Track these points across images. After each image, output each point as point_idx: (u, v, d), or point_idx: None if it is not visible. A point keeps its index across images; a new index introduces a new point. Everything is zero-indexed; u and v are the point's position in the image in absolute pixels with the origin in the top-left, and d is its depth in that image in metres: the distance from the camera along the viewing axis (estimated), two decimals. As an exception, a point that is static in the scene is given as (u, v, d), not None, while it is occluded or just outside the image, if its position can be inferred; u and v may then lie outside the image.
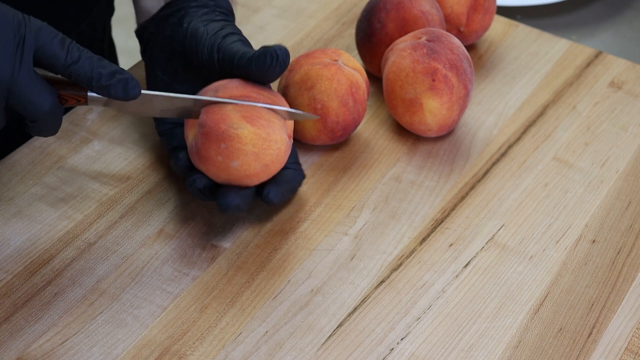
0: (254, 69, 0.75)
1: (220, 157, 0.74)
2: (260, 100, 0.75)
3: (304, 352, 0.73)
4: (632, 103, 0.94)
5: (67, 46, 0.69)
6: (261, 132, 0.74)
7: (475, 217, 0.83)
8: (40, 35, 0.68)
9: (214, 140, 0.74)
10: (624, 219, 0.83)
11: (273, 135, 0.75)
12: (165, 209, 0.83)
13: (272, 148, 0.75)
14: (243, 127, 0.74)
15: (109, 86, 0.70)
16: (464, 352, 0.73)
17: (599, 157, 0.89)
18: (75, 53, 0.69)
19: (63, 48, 0.69)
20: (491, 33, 1.02)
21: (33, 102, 0.69)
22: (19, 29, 0.67)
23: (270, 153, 0.75)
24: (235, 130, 0.74)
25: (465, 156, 0.89)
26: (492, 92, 0.95)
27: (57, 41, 0.69)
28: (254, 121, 0.74)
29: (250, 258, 0.80)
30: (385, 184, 0.86)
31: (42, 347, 0.73)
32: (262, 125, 0.74)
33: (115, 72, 0.70)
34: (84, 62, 0.69)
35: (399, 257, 0.80)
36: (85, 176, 0.86)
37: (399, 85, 0.86)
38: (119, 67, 0.71)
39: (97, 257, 0.79)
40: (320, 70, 0.85)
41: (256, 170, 0.75)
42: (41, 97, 0.69)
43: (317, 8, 1.05)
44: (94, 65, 0.70)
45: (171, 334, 0.74)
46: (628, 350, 0.74)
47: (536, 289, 0.78)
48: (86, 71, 0.69)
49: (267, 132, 0.74)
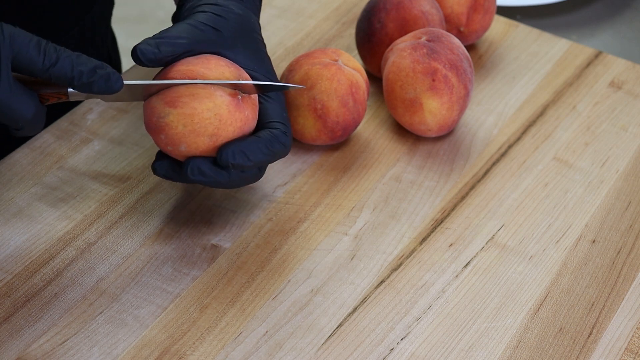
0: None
1: (169, 147, 0.75)
2: (188, 75, 0.74)
3: (304, 352, 0.73)
4: (632, 103, 0.94)
5: (43, 49, 0.68)
6: (185, 110, 0.73)
7: (475, 217, 0.83)
8: (14, 43, 0.66)
9: (156, 133, 0.75)
10: (624, 219, 0.83)
11: (200, 107, 0.73)
12: (165, 209, 0.83)
13: (207, 118, 0.74)
14: (168, 113, 0.74)
15: (91, 83, 0.69)
16: (464, 352, 0.73)
17: (599, 157, 0.89)
18: (52, 55, 0.68)
19: (39, 52, 0.67)
20: (491, 33, 1.02)
21: (16, 112, 0.68)
22: None
23: (207, 124, 0.74)
24: (163, 119, 0.74)
25: (465, 156, 0.89)
26: (492, 92, 0.95)
27: (32, 45, 0.67)
28: (176, 103, 0.74)
29: (250, 258, 0.80)
30: (385, 184, 0.86)
31: (42, 347, 0.73)
32: (185, 102, 0.73)
33: (96, 68, 0.69)
34: (63, 62, 0.68)
35: (399, 257, 0.80)
36: (85, 176, 0.86)
37: (399, 85, 0.86)
38: (99, 61, 0.70)
39: (97, 257, 0.79)
40: (320, 70, 0.85)
41: (206, 143, 0.74)
42: (23, 105, 0.68)
43: (317, 8, 1.05)
44: (74, 64, 0.68)
45: (171, 334, 0.74)
46: (628, 350, 0.74)
47: (536, 289, 0.78)
48: (66, 72, 0.68)
49: (192, 107, 0.73)
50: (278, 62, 0.97)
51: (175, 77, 0.74)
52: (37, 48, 0.68)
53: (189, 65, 0.75)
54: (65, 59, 0.68)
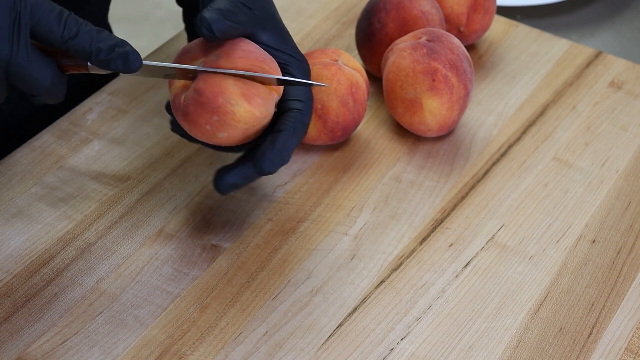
0: (196, 23, 0.73)
1: (209, 127, 0.73)
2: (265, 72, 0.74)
3: (304, 352, 0.73)
4: (632, 103, 0.94)
5: (64, 20, 0.67)
6: (255, 111, 0.73)
7: (475, 217, 0.83)
8: (36, 11, 0.66)
9: (208, 111, 0.72)
10: (624, 219, 0.83)
11: (266, 112, 0.73)
12: (165, 209, 0.83)
13: (261, 124, 0.74)
14: (240, 105, 0.72)
15: (109, 60, 0.69)
16: (464, 352, 0.73)
17: (599, 157, 0.89)
18: (73, 28, 0.68)
19: (60, 23, 0.67)
20: (491, 33, 1.02)
21: (33, 79, 0.67)
22: (14, 6, 0.65)
23: (257, 128, 0.74)
24: (232, 107, 0.72)
25: (465, 156, 0.89)
26: (492, 92, 0.95)
27: (53, 16, 0.67)
28: (251, 99, 0.72)
29: (250, 258, 0.80)
30: (385, 184, 0.86)
31: (42, 347, 0.73)
32: (258, 104, 0.73)
33: (115, 46, 0.69)
34: (82, 36, 0.68)
35: (399, 257, 0.80)
36: (85, 176, 0.86)
37: (399, 85, 0.86)
38: (119, 39, 0.69)
39: (97, 257, 0.79)
40: (320, 70, 0.85)
41: (237, 139, 0.74)
42: (40, 72, 0.68)
43: (317, 8, 1.05)
44: (93, 39, 0.68)
45: (171, 334, 0.74)
46: (628, 350, 0.74)
47: (536, 289, 0.78)
48: (84, 46, 0.68)
49: (260, 110, 0.73)
50: (278, 62, 0.97)
51: (245, 68, 0.72)
52: (58, 19, 0.67)
53: (257, 62, 0.73)
54: (85, 34, 0.68)
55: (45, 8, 0.67)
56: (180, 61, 0.74)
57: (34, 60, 0.67)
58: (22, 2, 0.66)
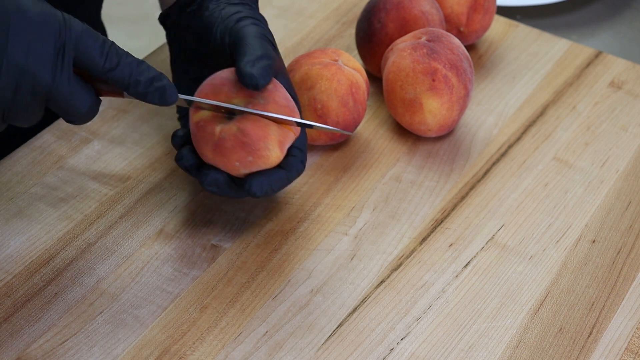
0: (241, 75, 0.74)
1: (237, 163, 0.74)
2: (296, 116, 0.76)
3: (304, 352, 0.73)
4: (632, 103, 0.94)
5: (106, 51, 0.68)
6: (281, 156, 0.76)
7: (475, 217, 0.83)
8: (80, 42, 0.67)
9: (246, 150, 0.74)
10: (624, 219, 0.83)
11: (283, 153, 0.76)
12: (165, 209, 0.83)
13: (275, 162, 0.76)
14: (274, 150, 0.75)
15: (146, 94, 0.70)
16: (464, 352, 0.73)
17: (599, 157, 0.89)
18: (114, 59, 0.69)
19: (102, 53, 0.68)
20: (491, 33, 1.02)
21: (72, 106, 0.69)
22: (60, 35, 0.67)
23: (270, 164, 0.76)
24: (268, 152, 0.74)
25: (465, 156, 0.89)
26: (492, 92, 0.95)
27: (97, 46, 0.68)
28: (283, 146, 0.75)
29: (250, 258, 0.80)
30: (385, 184, 0.86)
31: (42, 347, 0.73)
32: (284, 149, 0.76)
33: (153, 79, 0.70)
34: (123, 68, 0.69)
35: (399, 257, 0.80)
36: (85, 176, 0.86)
37: (399, 85, 0.86)
38: (157, 72, 0.71)
39: (97, 257, 0.79)
40: (320, 70, 0.85)
41: (248, 171, 0.76)
42: (80, 100, 0.69)
43: (317, 8, 1.05)
44: (133, 72, 0.69)
45: (171, 334, 0.74)
46: (628, 350, 0.74)
47: (536, 289, 0.78)
48: (124, 78, 0.69)
49: (283, 154, 0.76)
50: (278, 62, 0.97)
51: (286, 113, 0.75)
52: (101, 49, 0.68)
53: (294, 109, 0.76)
54: (125, 65, 0.69)
55: (89, 39, 0.68)
56: (210, 96, 0.75)
57: (74, 87, 0.68)
58: (68, 32, 0.67)
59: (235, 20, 0.77)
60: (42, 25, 0.66)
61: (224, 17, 0.78)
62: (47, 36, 0.66)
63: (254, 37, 0.76)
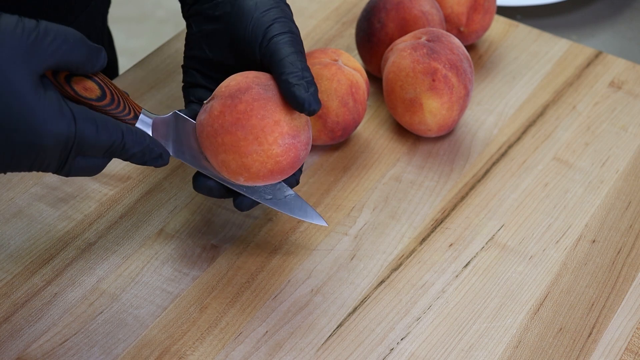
0: (287, 94, 0.71)
1: (239, 173, 0.73)
2: None
3: (304, 352, 0.73)
4: (632, 103, 0.94)
5: (108, 152, 0.68)
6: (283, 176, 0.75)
7: (475, 217, 0.83)
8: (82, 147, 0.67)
9: (251, 171, 0.72)
10: (624, 219, 0.83)
11: None
12: (165, 209, 0.83)
13: None
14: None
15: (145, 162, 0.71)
16: (464, 352, 0.73)
17: (599, 157, 0.89)
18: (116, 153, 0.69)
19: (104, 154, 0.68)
20: (491, 33, 1.02)
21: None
22: (66, 146, 0.65)
23: None
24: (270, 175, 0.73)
25: (465, 156, 0.89)
26: (492, 92, 0.95)
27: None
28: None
29: (250, 258, 0.80)
30: (385, 184, 0.86)
31: (42, 347, 0.73)
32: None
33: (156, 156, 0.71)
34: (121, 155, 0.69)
35: (399, 257, 0.80)
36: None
37: (399, 85, 0.86)
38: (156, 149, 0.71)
39: (97, 257, 0.79)
40: (320, 70, 0.85)
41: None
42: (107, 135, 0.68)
43: (317, 8, 1.05)
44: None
45: (171, 334, 0.74)
46: (628, 350, 0.74)
47: (536, 289, 0.78)
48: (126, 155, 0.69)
49: None
50: (278, 62, 0.97)
51: None
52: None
53: None
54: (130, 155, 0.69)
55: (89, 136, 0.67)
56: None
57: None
58: (72, 134, 0.65)
59: (270, 21, 0.74)
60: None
61: (258, 9, 0.74)
62: (53, 150, 0.65)
63: (293, 53, 0.73)
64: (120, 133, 0.67)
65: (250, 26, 0.74)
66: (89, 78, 0.68)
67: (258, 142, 0.70)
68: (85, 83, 0.67)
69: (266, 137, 0.70)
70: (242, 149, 0.71)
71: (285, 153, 0.71)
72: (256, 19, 0.74)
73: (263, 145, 0.71)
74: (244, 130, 0.70)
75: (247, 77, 0.73)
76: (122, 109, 0.70)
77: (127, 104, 0.70)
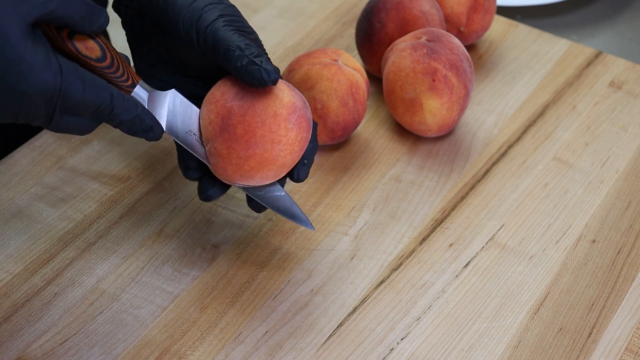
0: (244, 79, 0.70)
1: (249, 169, 0.73)
2: None
3: (304, 352, 0.73)
4: (632, 103, 0.94)
5: (96, 113, 0.68)
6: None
7: (475, 217, 0.83)
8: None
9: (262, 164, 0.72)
10: (624, 219, 0.83)
11: None
12: (165, 209, 0.83)
13: None
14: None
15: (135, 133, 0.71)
16: (464, 352, 0.73)
17: (599, 157, 0.89)
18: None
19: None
20: (491, 33, 1.02)
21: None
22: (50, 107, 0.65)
23: None
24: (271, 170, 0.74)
25: (465, 156, 0.89)
26: (492, 92, 0.95)
27: None
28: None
29: (250, 258, 0.80)
30: (385, 184, 0.86)
31: (42, 347, 0.73)
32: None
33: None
34: None
35: (399, 257, 0.80)
36: (85, 176, 0.86)
37: (399, 85, 0.86)
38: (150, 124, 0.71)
39: (97, 257, 0.79)
40: (320, 70, 0.85)
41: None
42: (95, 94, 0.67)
43: (317, 8, 1.05)
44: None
45: (171, 334, 0.74)
46: (628, 350, 0.74)
47: (536, 289, 0.78)
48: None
49: None
50: (278, 62, 0.97)
51: None
52: None
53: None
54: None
55: None
56: None
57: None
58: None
59: (199, 11, 0.71)
60: None
61: (184, 5, 0.71)
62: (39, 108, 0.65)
63: (227, 39, 0.71)
64: (109, 95, 0.67)
65: (183, 28, 0.72)
66: (91, 38, 0.68)
67: (277, 141, 0.71)
68: (87, 42, 0.68)
69: (279, 131, 0.71)
70: (267, 155, 0.71)
71: (299, 125, 0.72)
72: (185, 19, 0.72)
73: (282, 138, 0.71)
74: (260, 143, 0.71)
75: (216, 102, 0.72)
76: (120, 74, 0.70)
77: (127, 70, 0.70)
